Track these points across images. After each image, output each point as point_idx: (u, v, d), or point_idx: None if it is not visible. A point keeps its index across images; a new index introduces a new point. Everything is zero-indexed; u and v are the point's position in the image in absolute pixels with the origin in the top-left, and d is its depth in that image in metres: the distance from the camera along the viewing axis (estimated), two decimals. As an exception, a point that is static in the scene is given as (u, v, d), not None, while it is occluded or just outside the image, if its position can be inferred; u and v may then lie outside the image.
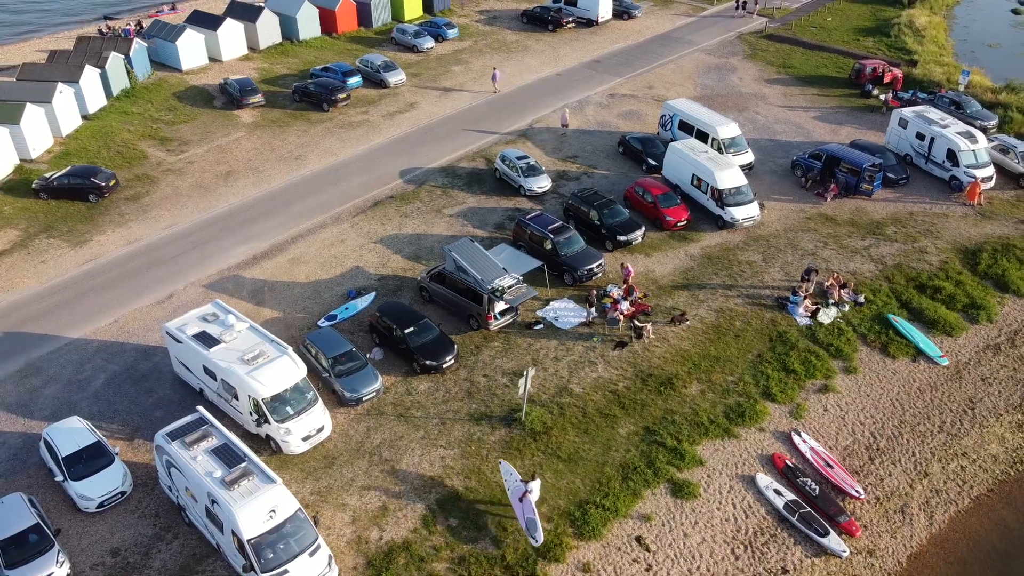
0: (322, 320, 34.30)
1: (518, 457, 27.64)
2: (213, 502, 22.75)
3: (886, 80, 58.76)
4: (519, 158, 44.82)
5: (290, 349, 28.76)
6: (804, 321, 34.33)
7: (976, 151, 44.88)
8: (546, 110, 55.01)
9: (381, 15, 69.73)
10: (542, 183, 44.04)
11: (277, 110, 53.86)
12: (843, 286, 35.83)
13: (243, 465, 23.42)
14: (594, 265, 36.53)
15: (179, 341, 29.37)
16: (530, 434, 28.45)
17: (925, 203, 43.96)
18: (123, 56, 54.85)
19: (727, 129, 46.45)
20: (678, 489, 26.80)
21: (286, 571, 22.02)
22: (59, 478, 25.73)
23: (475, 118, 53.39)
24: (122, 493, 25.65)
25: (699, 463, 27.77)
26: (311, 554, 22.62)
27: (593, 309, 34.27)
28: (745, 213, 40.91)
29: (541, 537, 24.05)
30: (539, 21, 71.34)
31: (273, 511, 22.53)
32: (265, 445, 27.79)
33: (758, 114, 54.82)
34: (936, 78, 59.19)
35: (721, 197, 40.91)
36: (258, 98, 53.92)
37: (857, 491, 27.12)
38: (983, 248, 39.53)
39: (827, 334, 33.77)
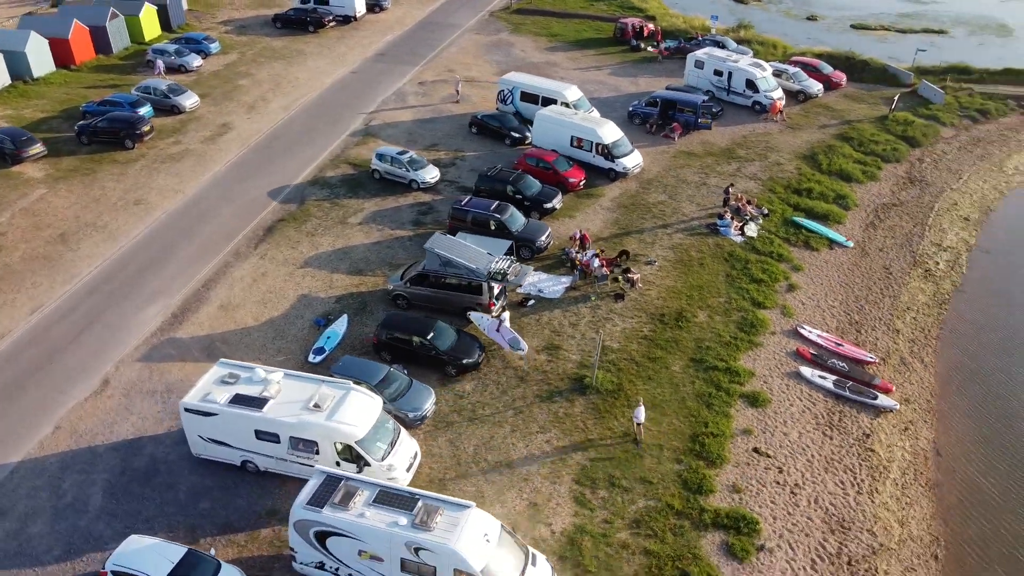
0: (312, 356, 31.04)
1: (610, 417, 28.00)
2: (417, 550, 20.30)
3: (645, 34, 65.80)
4: (400, 153, 43.49)
5: (351, 383, 25.96)
6: (739, 239, 38.46)
7: (767, 77, 52.68)
8: (372, 105, 53.49)
9: (120, 39, 61.80)
10: (432, 174, 43.28)
11: (67, 157, 45.89)
12: (748, 203, 40.58)
13: (424, 502, 21.14)
14: (545, 235, 37.23)
15: (211, 414, 24.97)
16: (607, 395, 28.87)
17: (747, 126, 50.75)
18: None
19: (572, 92, 49.25)
20: (753, 400, 29.19)
21: (524, 589, 20.58)
22: (169, 609, 20.91)
23: (304, 127, 50.27)
24: (249, 597, 21.63)
25: (751, 374, 30.40)
26: (534, 563, 21.32)
27: (577, 273, 35.06)
28: (634, 161, 44.12)
29: (525, 346, 28.81)
30: (296, 23, 68.17)
31: (486, 534, 20.78)
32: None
33: (563, 79, 58.32)
34: (680, 26, 67.57)
35: (609, 151, 43.61)
36: (38, 148, 45.51)
37: (870, 357, 31.71)
38: (815, 152, 47.04)
39: (763, 244, 38.23)
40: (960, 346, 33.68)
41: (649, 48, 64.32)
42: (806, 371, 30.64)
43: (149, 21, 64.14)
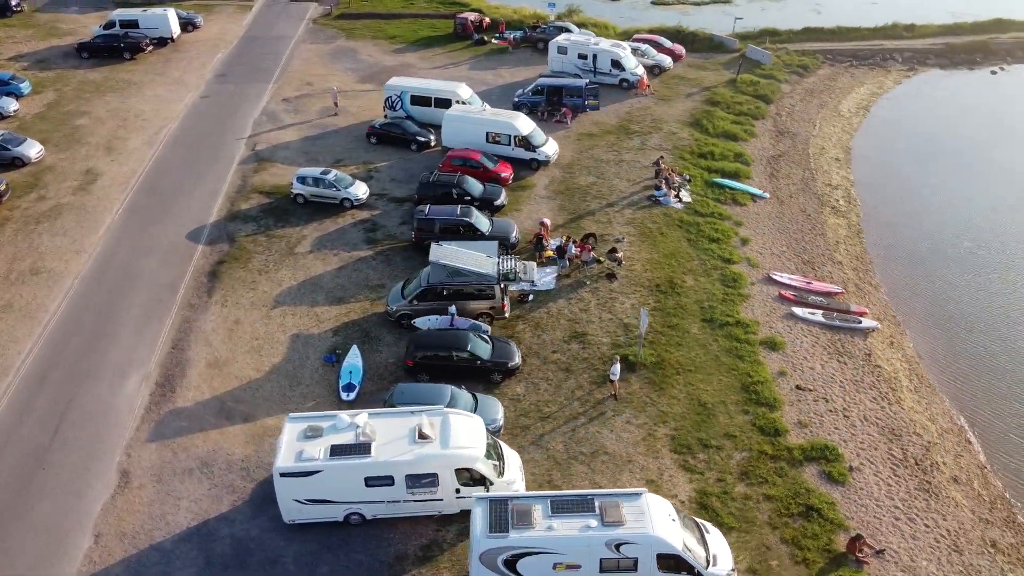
0: (344, 394, 29.39)
1: (668, 387, 29.41)
2: (618, 546, 20.49)
3: (485, 26, 67.16)
4: (323, 173, 41.53)
5: (441, 407, 25.19)
6: (679, 205, 41.29)
7: (629, 56, 56.23)
8: (246, 129, 50.20)
9: None
10: (362, 189, 41.84)
11: (-90, 235, 38.85)
12: (672, 172, 43.58)
13: (599, 500, 21.31)
14: (515, 232, 37.62)
15: (312, 473, 23.12)
16: (653, 368, 30.24)
17: (625, 103, 53.91)
18: None
19: (464, 90, 49.58)
20: (772, 345, 31.98)
21: (715, 555, 21.57)
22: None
23: (184, 162, 46.16)
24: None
25: (757, 323, 33.20)
26: (707, 531, 22.33)
27: (562, 262, 35.86)
28: (552, 148, 45.52)
29: (488, 328, 31.04)
30: (107, 52, 61.58)
31: (669, 514, 21.45)
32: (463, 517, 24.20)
33: (428, 78, 58.23)
34: (512, 17, 69.66)
35: (529, 141, 44.65)
36: None
37: (837, 289, 35.82)
38: (698, 119, 51.19)
39: (701, 207, 41.35)
40: (890, 264, 38.89)
41: (495, 40, 65.65)
42: (798, 311, 33.99)
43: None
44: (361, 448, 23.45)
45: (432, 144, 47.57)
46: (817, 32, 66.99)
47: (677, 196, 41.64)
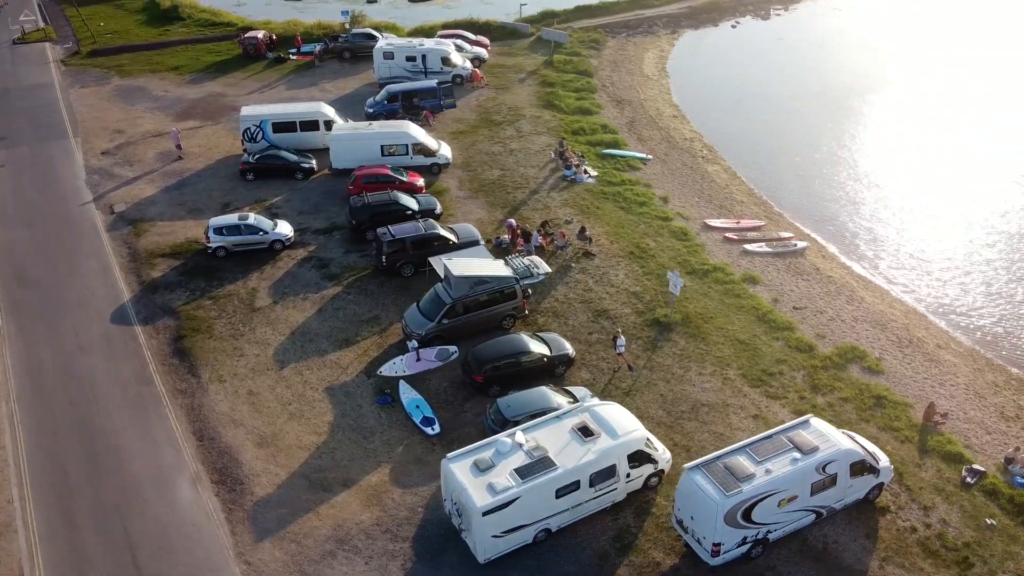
0: (429, 431, 28.31)
1: (706, 335, 32.23)
2: (823, 467, 22.92)
3: (274, 43, 64.17)
4: (241, 219, 38.15)
5: (582, 402, 25.75)
6: (591, 180, 44.07)
7: (455, 52, 57.43)
8: (87, 194, 43.92)
9: None
10: (288, 227, 39.14)
11: None
12: (569, 152, 46.15)
13: (783, 436, 23.64)
14: (480, 236, 37.72)
15: (511, 502, 22.64)
16: (687, 324, 32.90)
17: (471, 97, 55.13)
18: None
19: (328, 108, 47.88)
20: (751, 281, 36.02)
21: (874, 451, 25.02)
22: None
23: (38, 242, 39.79)
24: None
25: (727, 265, 37.08)
26: (854, 439, 25.77)
27: (528, 247, 36.90)
28: (447, 150, 45.80)
29: (454, 348, 31.20)
30: None
31: (839, 430, 24.43)
32: (631, 500, 25.44)
33: (274, 103, 54.19)
34: (308, 26, 67.19)
35: (427, 147, 44.57)
36: None
37: (760, 222, 41.10)
38: (549, 101, 54.08)
39: (609, 177, 44.49)
40: (777, 194, 45.26)
41: (292, 56, 62.93)
42: (748, 247, 38.62)
43: None
44: (544, 463, 23.30)
45: (316, 169, 45.30)
46: (587, 9, 73.17)
47: (586, 172, 44.29)
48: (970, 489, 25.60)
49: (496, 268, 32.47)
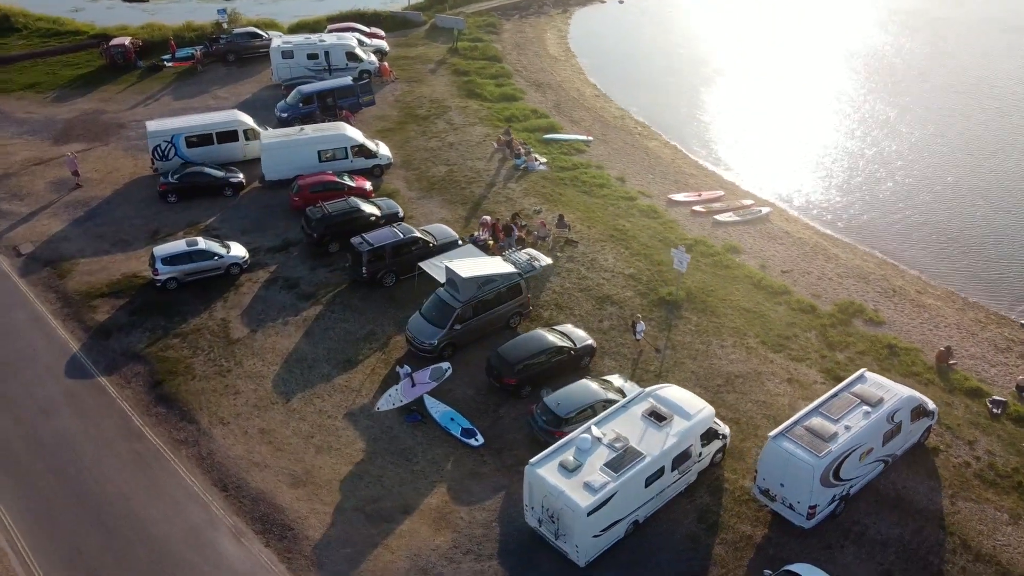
0: (472, 442, 26.76)
1: (715, 308, 32.32)
2: (891, 417, 23.56)
3: (143, 49, 58.85)
4: (191, 245, 34.56)
5: (638, 389, 25.19)
6: (543, 168, 43.16)
7: (360, 48, 54.77)
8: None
9: None
10: (241, 249, 35.89)
11: None
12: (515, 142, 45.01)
13: (852, 391, 24.24)
14: (457, 237, 36.09)
15: (611, 497, 21.76)
16: (693, 299, 32.86)
17: (386, 91, 52.67)
18: None
19: (244, 117, 44.35)
20: (734, 251, 36.43)
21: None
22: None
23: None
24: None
25: (706, 237, 37.40)
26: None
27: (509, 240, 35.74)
28: (385, 149, 43.52)
29: (447, 364, 28.58)
30: None
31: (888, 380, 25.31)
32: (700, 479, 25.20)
33: (134, 132, 48.68)
34: (177, 29, 61.89)
35: (367, 148, 42.21)
36: None
37: (720, 193, 41.81)
38: (471, 90, 52.58)
39: (559, 163, 43.82)
40: (715, 165, 46.30)
41: (167, 63, 57.88)
42: (718, 217, 39.16)
43: None
44: (631, 453, 22.58)
45: (245, 183, 41.82)
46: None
47: (536, 159, 43.40)
48: (999, 419, 27.05)
49: (499, 265, 31.09)
